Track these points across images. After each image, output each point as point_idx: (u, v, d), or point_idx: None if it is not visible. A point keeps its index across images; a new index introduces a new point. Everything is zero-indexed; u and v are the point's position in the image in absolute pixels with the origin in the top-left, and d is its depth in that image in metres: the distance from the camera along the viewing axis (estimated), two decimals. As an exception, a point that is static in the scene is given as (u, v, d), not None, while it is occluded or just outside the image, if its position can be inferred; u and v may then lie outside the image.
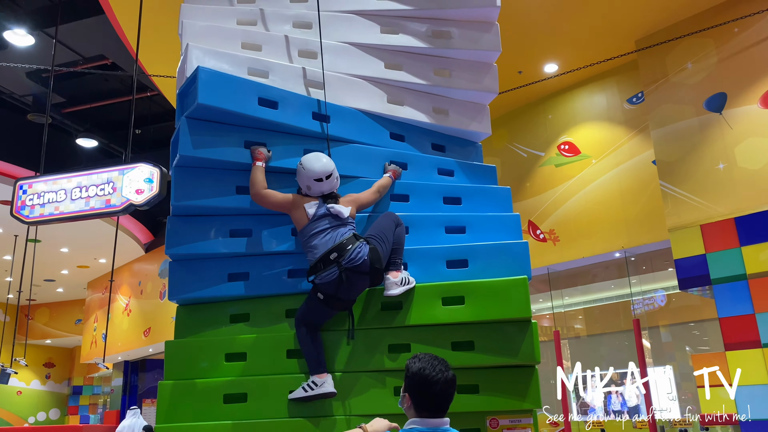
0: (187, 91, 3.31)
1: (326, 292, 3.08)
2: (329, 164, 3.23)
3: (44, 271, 16.09)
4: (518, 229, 3.61)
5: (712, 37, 7.40)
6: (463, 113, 4.02)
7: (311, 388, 3.03)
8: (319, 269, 3.08)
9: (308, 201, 3.21)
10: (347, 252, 3.06)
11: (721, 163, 7.13)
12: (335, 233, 3.13)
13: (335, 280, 3.04)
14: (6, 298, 17.56)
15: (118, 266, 15.52)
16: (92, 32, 9.15)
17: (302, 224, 3.18)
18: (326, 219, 3.16)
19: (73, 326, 20.20)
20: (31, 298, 17.20)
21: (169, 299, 3.44)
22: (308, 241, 3.15)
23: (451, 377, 2.24)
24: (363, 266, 3.07)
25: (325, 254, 3.07)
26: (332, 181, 3.24)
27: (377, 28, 3.80)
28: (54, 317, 20.63)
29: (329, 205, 3.17)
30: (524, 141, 9.80)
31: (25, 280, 13.82)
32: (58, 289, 19.27)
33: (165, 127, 12.73)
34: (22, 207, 6.57)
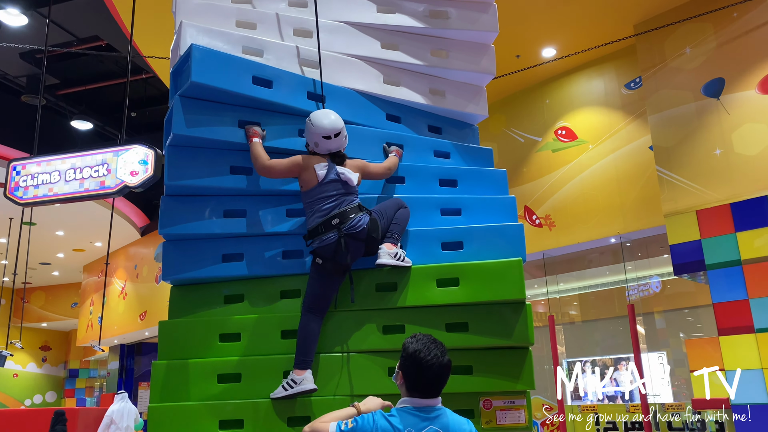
0: (181, 69, 3.28)
1: (324, 256, 3.12)
2: (338, 122, 3.22)
3: (40, 254, 16.07)
4: (514, 212, 3.60)
5: (711, 21, 7.35)
6: (460, 95, 3.99)
7: (290, 387, 3.03)
8: (319, 232, 3.13)
9: (318, 161, 3.21)
10: (349, 220, 3.12)
11: (717, 149, 7.12)
12: (341, 200, 3.17)
13: (333, 243, 3.10)
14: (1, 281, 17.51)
15: (114, 250, 15.50)
16: (86, 12, 9.06)
17: (310, 185, 3.19)
18: (335, 184, 3.18)
19: (69, 309, 20.21)
20: (27, 281, 17.17)
21: (163, 279, 3.43)
22: (314, 203, 3.18)
23: (446, 362, 2.26)
24: (361, 233, 3.13)
25: (328, 219, 3.12)
26: (340, 139, 3.24)
27: (374, 7, 3.75)
28: (50, 300, 20.64)
29: (340, 171, 3.19)
30: (521, 126, 9.77)
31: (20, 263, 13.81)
32: (54, 273, 19.25)
33: (160, 109, 12.65)
34: (15, 188, 6.54)
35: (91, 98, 12.31)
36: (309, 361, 3.08)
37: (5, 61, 10.88)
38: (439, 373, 2.24)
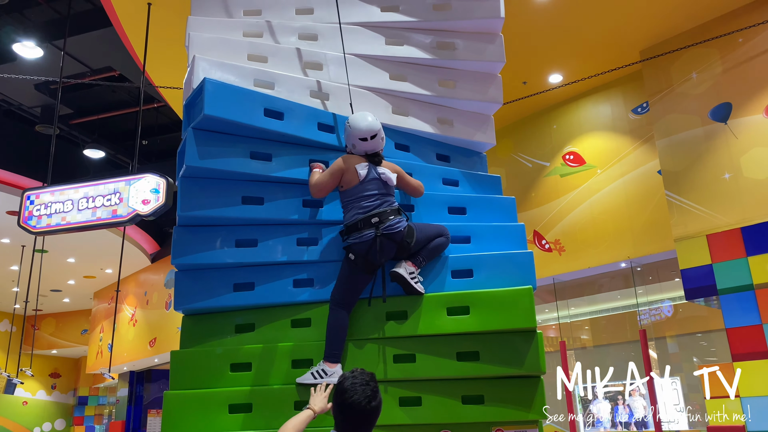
0: (194, 102, 3.34)
1: (358, 252, 3.18)
2: (375, 123, 3.33)
3: (51, 281, 16.16)
4: (523, 239, 3.62)
5: (716, 47, 7.41)
6: (467, 123, 4.04)
7: (320, 376, 3.07)
8: (357, 228, 3.18)
9: (358, 161, 3.30)
10: (389, 220, 3.19)
11: (726, 173, 7.12)
12: (382, 200, 3.26)
13: (369, 241, 3.16)
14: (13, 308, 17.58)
15: (125, 276, 15.58)
16: (100, 44, 9.25)
17: (352, 184, 3.28)
18: (375, 183, 3.27)
19: (79, 336, 20.24)
20: (38, 308, 17.26)
21: (175, 309, 3.45)
22: (354, 201, 3.26)
23: (371, 408, 2.25)
24: (397, 235, 3.20)
25: (368, 217, 3.19)
26: (377, 140, 3.34)
27: (382, 39, 3.83)
28: (60, 327, 20.69)
29: (380, 171, 3.27)
30: (529, 151, 9.81)
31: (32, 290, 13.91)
32: (65, 299, 19.33)
33: (171, 137, 12.82)
34: (29, 217, 6.63)
35: (103, 127, 12.51)
36: (339, 354, 3.14)
37: (20, 92, 11.10)
38: (363, 417, 2.23)
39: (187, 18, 3.72)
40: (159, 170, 6.54)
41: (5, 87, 10.87)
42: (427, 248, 3.29)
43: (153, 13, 7.04)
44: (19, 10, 9.10)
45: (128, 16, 7.30)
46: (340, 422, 2.27)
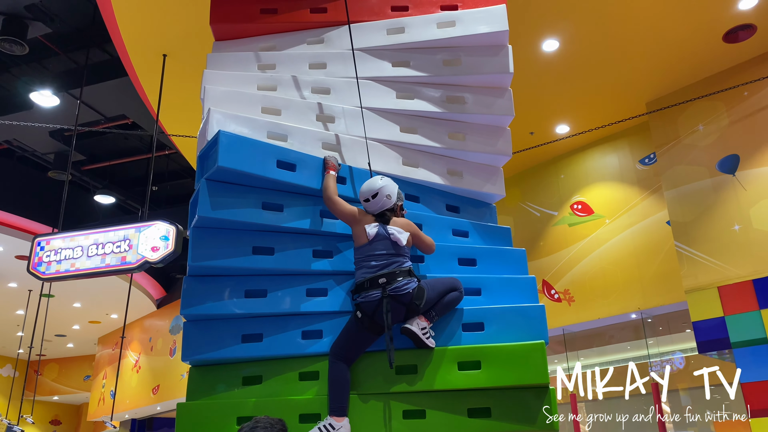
0: (208, 153, 3.39)
1: (365, 311, 3.16)
2: (373, 185, 3.37)
3: (56, 326, 16.10)
4: (534, 292, 3.59)
5: (722, 100, 7.50)
6: (477, 175, 4.06)
7: (327, 431, 2.99)
8: (364, 288, 3.17)
9: (370, 221, 3.33)
10: (396, 282, 3.17)
11: (736, 225, 7.10)
12: (391, 260, 3.23)
13: (375, 302, 3.14)
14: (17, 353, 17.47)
15: (130, 322, 15.50)
16: (115, 93, 9.46)
17: (360, 242, 3.30)
18: (384, 242, 3.27)
19: (81, 382, 20.01)
20: (42, 353, 17.13)
21: (182, 360, 3.42)
22: (364, 260, 3.27)
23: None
24: (404, 297, 3.16)
25: (375, 277, 3.18)
26: (378, 201, 3.35)
27: (393, 93, 3.89)
28: (63, 373, 20.48)
29: (390, 231, 3.27)
30: (537, 200, 9.84)
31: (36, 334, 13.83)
32: (69, 345, 19.21)
33: (181, 184, 12.95)
34: (38, 263, 6.65)
35: (114, 173, 12.67)
36: (345, 407, 3.08)
37: (35, 139, 11.30)
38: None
39: (203, 71, 3.80)
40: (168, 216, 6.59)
41: (21, 134, 11.07)
42: (441, 303, 3.25)
43: (168, 64, 7.22)
44: (38, 60, 9.35)
45: (143, 67, 7.49)
46: None
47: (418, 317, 3.20)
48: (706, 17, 6.78)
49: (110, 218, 12.70)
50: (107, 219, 12.51)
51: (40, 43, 8.81)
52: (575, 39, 7.11)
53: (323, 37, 4.03)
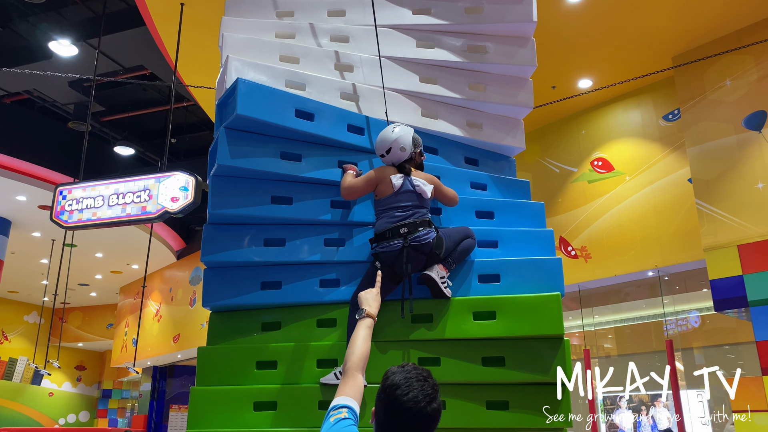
0: (227, 102, 3.38)
1: (384, 262, 3.18)
2: (385, 140, 3.34)
3: (79, 276, 16.47)
4: (551, 245, 3.58)
5: (751, 54, 7.27)
6: (497, 127, 4.02)
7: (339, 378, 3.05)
8: (385, 237, 3.19)
9: (393, 172, 3.31)
10: (417, 231, 3.17)
11: (760, 183, 6.98)
12: (414, 212, 3.24)
13: (396, 251, 3.15)
14: (42, 301, 17.96)
15: (150, 272, 15.80)
16: (133, 43, 9.42)
17: (386, 194, 3.30)
18: (409, 194, 3.27)
19: (104, 330, 20.59)
20: (66, 301, 17.59)
21: (203, 306, 3.49)
22: (387, 210, 3.27)
23: (429, 411, 1.69)
24: (425, 247, 3.17)
25: (397, 227, 3.18)
26: (394, 155, 3.34)
27: (413, 42, 3.83)
28: (86, 321, 21.06)
29: (415, 183, 3.28)
30: (557, 156, 9.73)
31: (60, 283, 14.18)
32: (92, 294, 19.68)
33: (200, 136, 12.98)
34: (61, 212, 6.76)
35: (133, 125, 12.71)
36: None
37: (55, 89, 11.34)
38: (417, 423, 1.67)
39: (221, 18, 3.76)
40: (187, 168, 6.63)
41: (40, 84, 11.11)
42: (456, 251, 3.27)
43: (185, 13, 7.14)
44: (56, 8, 9.30)
45: (161, 16, 7.42)
46: (385, 429, 1.72)
47: (438, 265, 3.22)
48: (740, -34, 6.52)
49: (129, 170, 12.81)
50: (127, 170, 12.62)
51: (57, -9, 8.75)
52: (601, -11, 6.89)
53: (343, -16, 3.95)
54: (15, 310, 20.25)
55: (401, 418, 1.68)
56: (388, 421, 1.71)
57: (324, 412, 2.09)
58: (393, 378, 1.73)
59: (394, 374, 1.75)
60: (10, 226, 12.81)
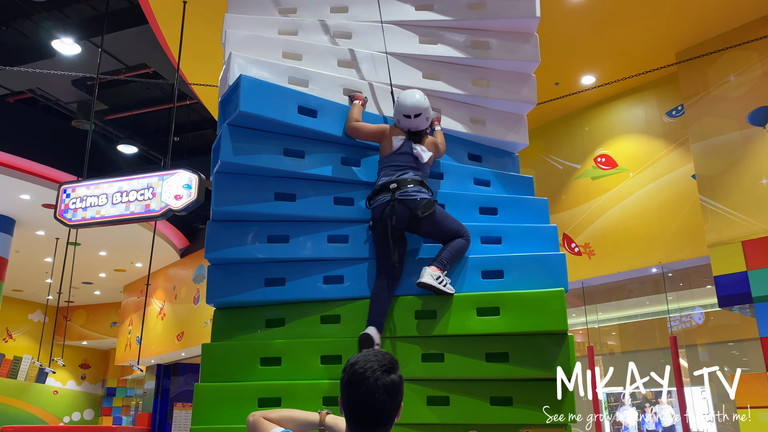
0: (230, 98, 3.38)
1: (374, 217, 3.29)
2: (420, 103, 3.41)
3: (83, 274, 16.51)
4: (555, 241, 3.58)
5: (755, 49, 7.24)
6: (500, 123, 4.01)
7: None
8: (376, 193, 3.32)
9: (397, 134, 3.43)
10: (406, 187, 3.26)
11: (764, 178, 6.95)
12: (407, 172, 3.34)
13: (383, 204, 3.25)
14: (46, 300, 18.00)
15: (154, 270, 15.83)
16: (136, 41, 9.42)
17: (385, 153, 3.42)
18: (406, 156, 3.37)
19: (108, 328, 20.63)
20: (70, 299, 17.64)
21: (207, 302, 3.50)
22: (383, 169, 3.39)
23: (387, 381, 1.70)
24: (411, 203, 3.24)
25: (387, 183, 3.29)
26: (421, 120, 3.43)
27: (416, 38, 3.82)
28: (90, 319, 21.11)
29: (414, 146, 3.37)
30: (560, 153, 9.71)
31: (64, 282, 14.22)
32: (96, 292, 19.72)
33: (203, 134, 12.99)
34: (65, 210, 6.77)
35: (136, 123, 12.73)
36: (378, 322, 3.16)
37: (58, 88, 11.35)
38: (375, 395, 1.68)
39: (224, 15, 3.76)
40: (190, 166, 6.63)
41: (43, 82, 11.12)
42: (448, 251, 3.25)
43: (188, 11, 7.14)
44: (59, 7, 9.31)
45: (164, 14, 7.42)
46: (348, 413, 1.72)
47: (430, 267, 3.20)
48: (744, -39, 6.49)
49: (133, 168, 12.83)
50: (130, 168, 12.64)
51: (60, -11, 8.76)
52: (604, -15, 6.87)
53: (345, -20, 3.94)
54: (19, 308, 20.30)
55: (359, 389, 1.68)
56: (349, 397, 1.71)
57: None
58: (351, 359, 1.77)
59: (353, 356, 1.79)
60: (14, 224, 12.85)
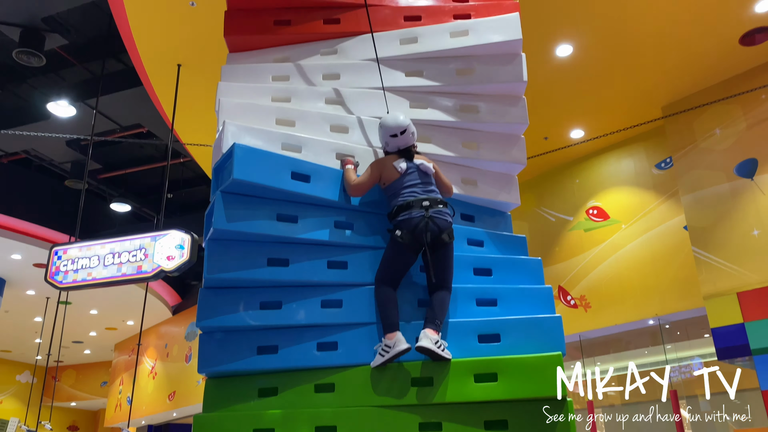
0: (223, 166, 3.40)
1: (405, 228, 3.27)
2: (404, 120, 3.50)
3: (73, 333, 16.26)
4: (551, 302, 3.56)
5: (739, 103, 7.41)
6: (491, 184, 4.04)
7: (386, 352, 3.12)
8: (407, 208, 3.31)
9: (394, 159, 3.47)
10: (437, 206, 3.33)
11: (755, 230, 7.00)
12: (428, 188, 3.41)
13: (417, 218, 3.26)
14: (35, 360, 17.66)
15: (146, 328, 15.61)
16: (130, 102, 9.54)
17: (392, 179, 3.43)
18: (415, 173, 3.43)
19: (98, 388, 20.17)
20: (59, 359, 17.30)
21: (199, 372, 3.43)
22: (400, 190, 3.39)
23: None
24: (442, 223, 3.31)
25: (419, 200, 3.32)
26: (407, 136, 3.50)
27: (406, 103, 3.89)
28: (80, 379, 20.66)
29: (417, 162, 3.46)
30: (552, 205, 9.78)
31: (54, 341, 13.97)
32: (86, 351, 19.37)
33: (196, 191, 13.03)
34: (56, 273, 6.72)
35: (129, 181, 12.77)
36: (395, 323, 3.17)
37: (52, 149, 11.42)
38: None
39: (218, 84, 3.82)
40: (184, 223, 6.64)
41: (38, 144, 11.20)
42: (441, 309, 3.25)
43: (182, 73, 7.27)
44: (55, 71, 9.46)
45: (158, 77, 7.55)
46: None
47: (428, 330, 3.17)
48: (722, 20, 6.71)
49: (126, 226, 12.80)
50: (123, 226, 12.61)
51: (56, 54, 8.91)
52: (589, 44, 7.06)
53: (336, 48, 4.04)
54: (7, 369, 19.89)
55: None
56: None
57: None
58: None
59: None
60: (5, 284, 12.72)
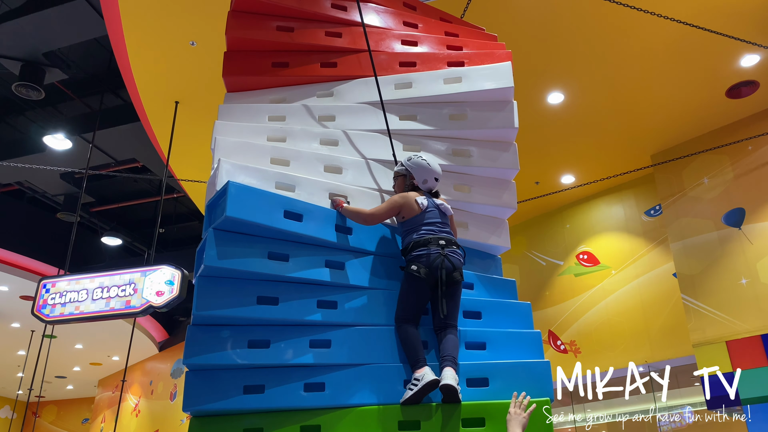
0: (216, 203, 3.42)
1: (419, 263, 3.33)
2: (436, 170, 3.68)
3: (56, 368, 15.96)
4: (540, 347, 3.56)
5: (726, 153, 7.55)
6: (482, 227, 4.08)
7: (415, 385, 3.11)
8: (424, 244, 3.38)
9: (417, 195, 3.56)
10: (452, 247, 3.42)
11: (743, 279, 7.05)
12: (445, 228, 3.50)
13: (434, 255, 3.34)
14: (15, 395, 17.28)
15: (131, 364, 15.35)
16: (126, 138, 9.62)
17: (413, 215, 3.50)
18: (435, 212, 3.52)
19: (79, 426, 19.70)
20: (41, 394, 16.94)
21: (183, 410, 3.38)
22: (418, 226, 3.46)
23: None
24: (456, 262, 3.41)
25: (436, 238, 3.40)
26: (434, 183, 3.67)
27: (399, 146, 3.95)
28: (61, 416, 20.19)
29: (438, 202, 3.57)
30: (543, 249, 9.83)
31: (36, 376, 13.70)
32: (68, 386, 18.99)
33: (188, 226, 13.03)
34: (43, 306, 6.66)
35: (122, 215, 12.76)
36: (422, 358, 3.19)
37: (46, 181, 11.44)
38: None
39: (214, 123, 3.88)
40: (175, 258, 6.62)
41: (32, 175, 11.21)
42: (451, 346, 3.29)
43: (179, 110, 7.36)
44: (53, 104, 9.55)
45: (156, 113, 7.64)
46: None
47: (450, 369, 3.17)
48: (709, 73, 6.89)
49: (117, 260, 12.73)
50: (114, 260, 12.54)
51: (56, 88, 9.02)
52: (580, 92, 7.23)
53: (332, 91, 4.12)
54: (-13, 404, 19.44)
55: None
56: None
57: None
58: None
59: None
60: (-10, 317, 12.55)
